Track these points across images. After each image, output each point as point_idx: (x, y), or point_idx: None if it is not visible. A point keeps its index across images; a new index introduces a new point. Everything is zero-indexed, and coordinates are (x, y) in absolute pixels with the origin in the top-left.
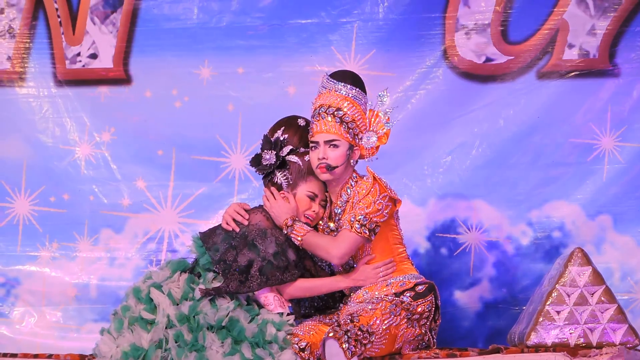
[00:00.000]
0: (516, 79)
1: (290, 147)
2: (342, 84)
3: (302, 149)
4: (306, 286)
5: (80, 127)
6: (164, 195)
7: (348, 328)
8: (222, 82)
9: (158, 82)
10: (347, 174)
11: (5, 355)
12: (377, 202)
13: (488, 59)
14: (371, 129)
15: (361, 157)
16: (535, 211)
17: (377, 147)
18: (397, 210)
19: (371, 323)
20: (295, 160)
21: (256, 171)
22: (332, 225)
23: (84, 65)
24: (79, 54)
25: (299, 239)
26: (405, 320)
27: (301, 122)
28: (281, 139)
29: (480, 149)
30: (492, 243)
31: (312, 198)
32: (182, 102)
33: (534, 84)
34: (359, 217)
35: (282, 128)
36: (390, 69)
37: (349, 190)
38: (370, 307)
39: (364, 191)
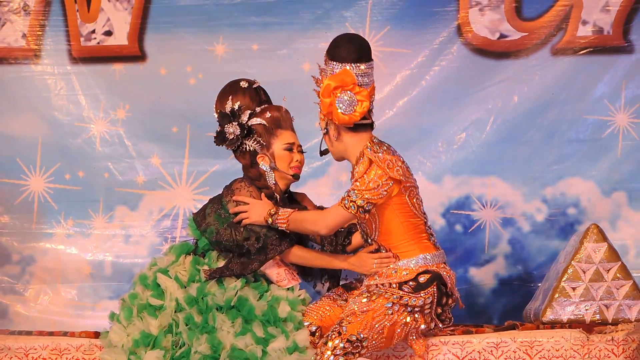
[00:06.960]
0: (530, 55)
1: (248, 111)
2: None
3: (258, 109)
4: (303, 255)
5: (95, 105)
6: (179, 172)
7: (335, 343)
8: (236, 59)
9: (173, 59)
10: (353, 142)
11: (20, 332)
12: (373, 180)
13: (502, 36)
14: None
15: (343, 122)
16: (550, 188)
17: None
18: (409, 185)
19: (360, 330)
20: (259, 122)
21: (226, 147)
22: None
23: (98, 43)
24: (93, 31)
25: (285, 222)
26: (405, 314)
27: (243, 84)
28: (235, 108)
29: (495, 125)
30: (507, 220)
31: (290, 149)
32: (197, 79)
33: (548, 60)
34: (351, 192)
35: (230, 97)
36: (404, 45)
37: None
38: (365, 308)
39: (361, 171)
